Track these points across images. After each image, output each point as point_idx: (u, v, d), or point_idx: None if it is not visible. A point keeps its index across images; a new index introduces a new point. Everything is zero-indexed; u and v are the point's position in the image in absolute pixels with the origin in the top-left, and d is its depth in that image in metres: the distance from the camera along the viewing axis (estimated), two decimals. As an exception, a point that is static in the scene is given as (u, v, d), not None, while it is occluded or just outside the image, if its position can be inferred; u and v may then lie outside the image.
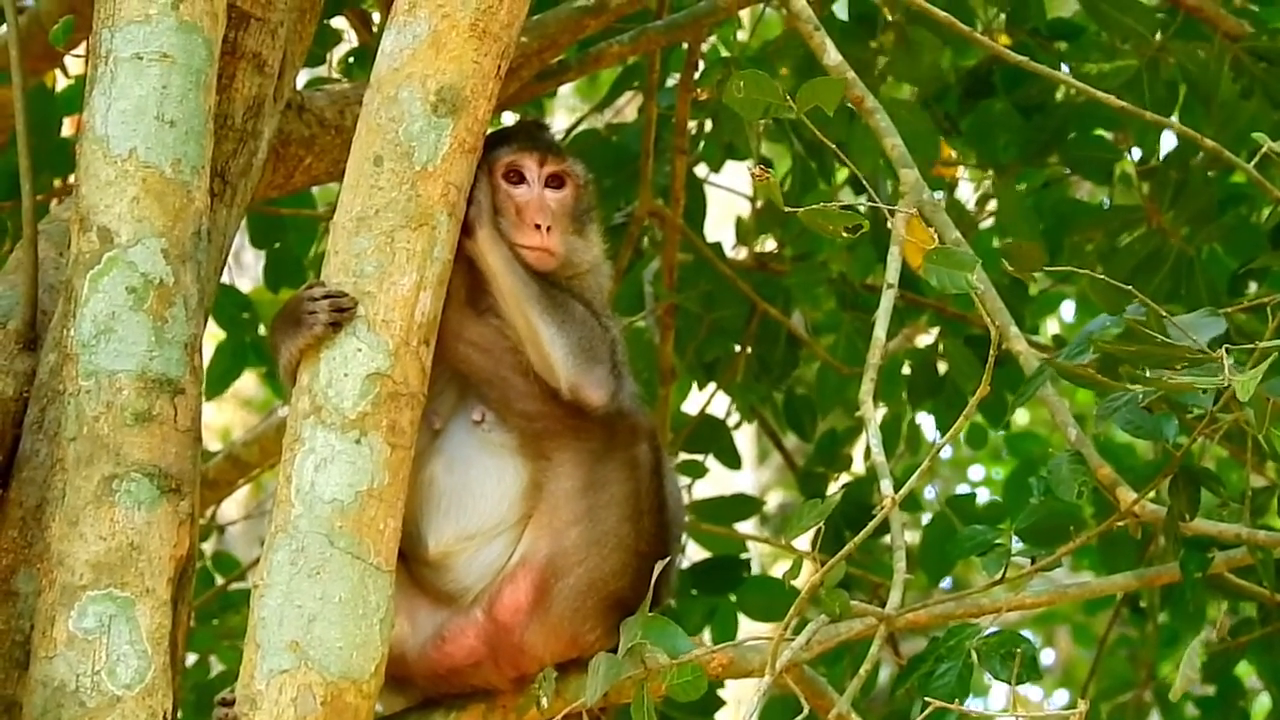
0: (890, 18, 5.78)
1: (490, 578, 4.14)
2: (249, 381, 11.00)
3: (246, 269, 9.23)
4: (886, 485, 3.77)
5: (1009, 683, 3.78)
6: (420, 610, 4.16)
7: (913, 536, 7.11)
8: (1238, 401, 3.68)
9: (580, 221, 4.32)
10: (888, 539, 6.78)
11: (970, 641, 3.85)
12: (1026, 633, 3.93)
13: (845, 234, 3.79)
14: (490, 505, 4.15)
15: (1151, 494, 3.94)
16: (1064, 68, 5.90)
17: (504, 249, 4.10)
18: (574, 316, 4.15)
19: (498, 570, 4.15)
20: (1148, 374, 3.64)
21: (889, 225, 4.06)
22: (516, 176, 4.24)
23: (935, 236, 3.99)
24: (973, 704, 3.76)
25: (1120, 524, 3.96)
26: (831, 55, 4.35)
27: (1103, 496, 4.02)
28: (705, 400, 6.66)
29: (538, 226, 4.18)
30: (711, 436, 6.58)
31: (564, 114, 9.35)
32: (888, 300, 3.99)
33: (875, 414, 3.89)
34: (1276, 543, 4.08)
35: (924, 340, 6.84)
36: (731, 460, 6.59)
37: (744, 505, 6.56)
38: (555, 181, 4.28)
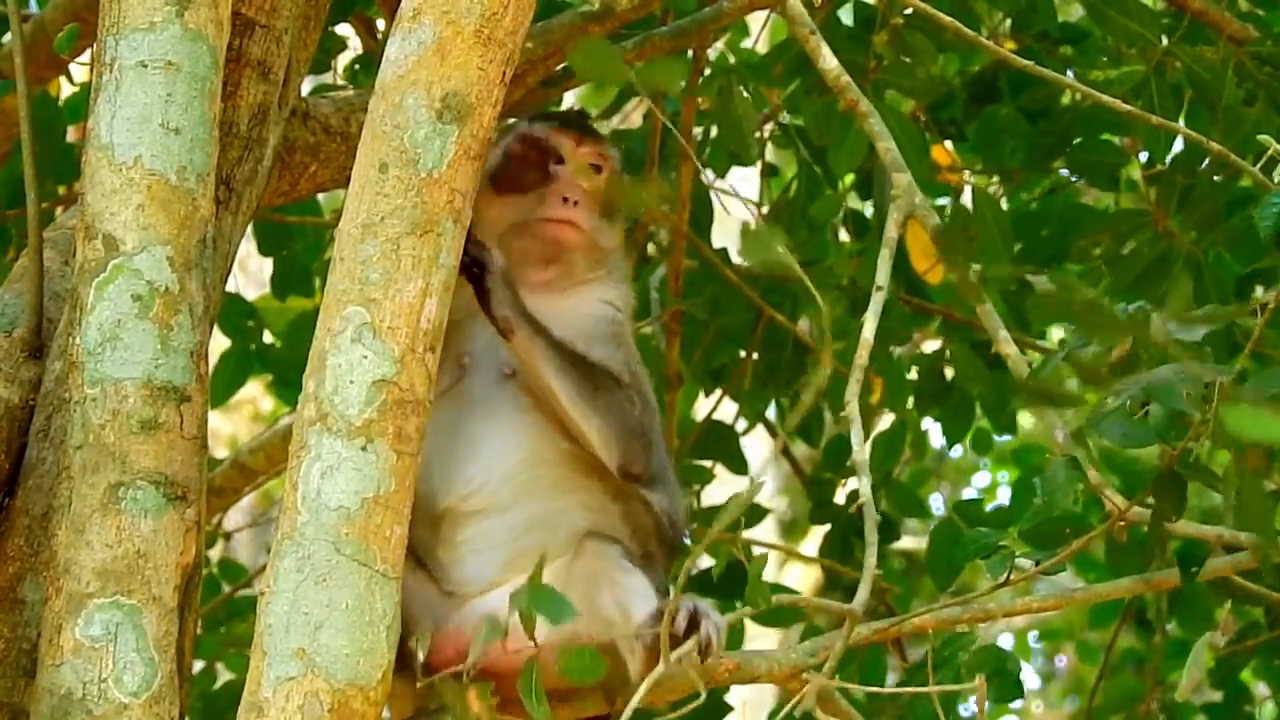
0: (892, 20, 5.77)
1: (493, 581, 4.13)
2: (260, 394, 11.01)
3: (252, 276, 9.25)
4: (865, 484, 3.79)
5: (990, 699, 3.80)
6: (423, 592, 4.15)
7: (921, 543, 7.11)
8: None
9: (608, 209, 4.39)
10: (895, 545, 6.78)
11: (963, 654, 3.87)
12: (1034, 641, 3.94)
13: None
14: (508, 461, 4.14)
15: (1148, 499, 3.93)
16: (1069, 73, 5.90)
17: (541, 344, 4.12)
18: (613, 403, 4.20)
19: (503, 564, 4.13)
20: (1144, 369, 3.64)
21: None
22: (555, 157, 4.31)
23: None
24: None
25: (1115, 527, 3.96)
26: (827, 60, 4.36)
27: (1108, 499, 4.01)
28: (712, 406, 6.66)
29: (565, 200, 4.25)
30: (719, 442, 6.58)
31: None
32: (876, 302, 4.02)
33: (858, 414, 3.90)
34: (1257, 544, 4.07)
35: (930, 346, 6.83)
36: (739, 466, 6.59)
37: (751, 512, 6.55)
38: (598, 169, 4.35)
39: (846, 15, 5.94)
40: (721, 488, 6.81)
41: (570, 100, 9.55)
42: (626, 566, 4.12)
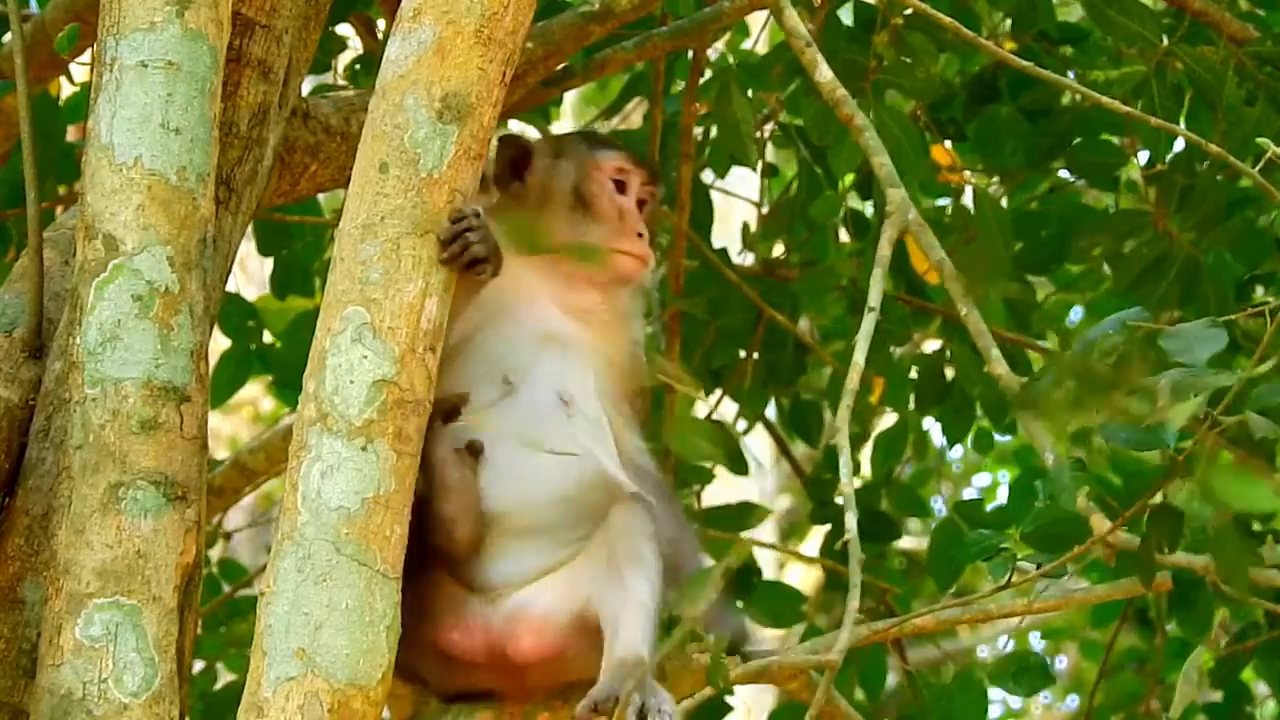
0: (892, 20, 5.77)
1: (525, 580, 4.12)
2: (260, 394, 11.01)
3: (252, 276, 9.25)
4: (852, 520, 3.77)
5: (1023, 695, 3.79)
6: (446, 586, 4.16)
7: (921, 543, 7.10)
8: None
9: (655, 242, 4.46)
10: (896, 544, 6.77)
11: (980, 671, 3.87)
12: (1035, 640, 3.95)
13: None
14: (563, 485, 4.14)
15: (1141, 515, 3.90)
16: (1069, 73, 5.90)
17: None
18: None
19: (537, 571, 4.12)
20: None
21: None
22: (620, 186, 4.37)
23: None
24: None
25: (1104, 552, 3.94)
26: (824, 73, 4.37)
27: (1108, 505, 4.00)
28: (713, 406, 6.66)
29: (640, 235, 4.30)
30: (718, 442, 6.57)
31: (571, 120, 9.35)
32: (868, 324, 3.99)
33: (848, 445, 3.88)
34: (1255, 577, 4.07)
35: (931, 346, 6.83)
36: (739, 466, 6.58)
37: (752, 512, 6.55)
38: (642, 205, 4.39)
39: (846, 15, 5.93)
40: (722, 488, 6.82)
41: (571, 100, 9.58)
42: (644, 557, 4.10)
